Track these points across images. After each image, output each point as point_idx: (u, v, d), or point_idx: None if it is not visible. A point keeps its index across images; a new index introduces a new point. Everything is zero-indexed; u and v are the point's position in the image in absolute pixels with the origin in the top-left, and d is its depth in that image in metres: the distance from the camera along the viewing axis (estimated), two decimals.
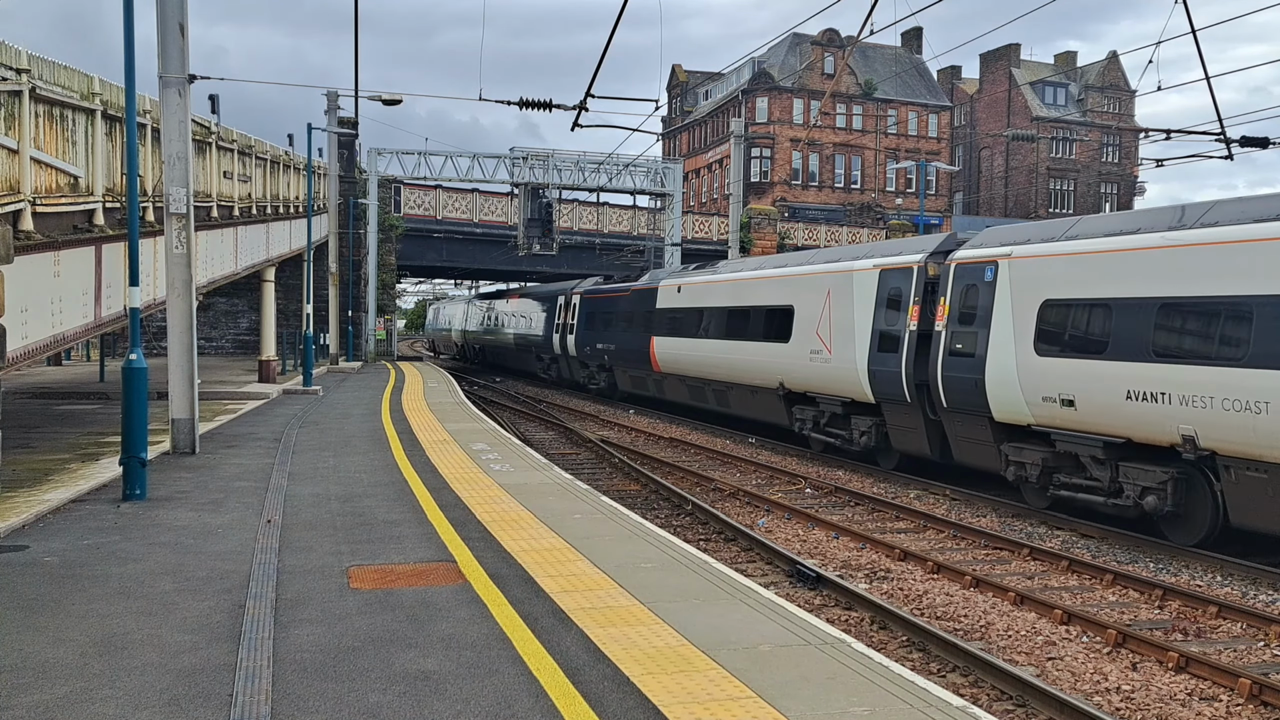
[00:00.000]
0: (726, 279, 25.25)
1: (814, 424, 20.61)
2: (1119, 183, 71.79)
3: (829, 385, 19.68)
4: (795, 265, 22.04)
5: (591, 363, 35.61)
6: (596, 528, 10.28)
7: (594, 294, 35.84)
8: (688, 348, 26.68)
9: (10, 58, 11.22)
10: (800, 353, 20.57)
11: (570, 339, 37.41)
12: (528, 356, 44.86)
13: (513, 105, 20.20)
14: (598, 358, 34.67)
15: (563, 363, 39.69)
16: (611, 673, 6.08)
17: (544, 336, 40.75)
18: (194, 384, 15.08)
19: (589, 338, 35.36)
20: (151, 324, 34.05)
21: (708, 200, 69.98)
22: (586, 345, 35.52)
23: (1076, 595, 11.02)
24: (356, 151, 45.56)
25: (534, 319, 42.65)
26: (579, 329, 36.45)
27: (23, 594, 7.65)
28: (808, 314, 20.44)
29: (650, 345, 29.06)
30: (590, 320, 35.43)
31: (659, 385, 29.63)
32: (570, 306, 37.75)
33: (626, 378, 32.68)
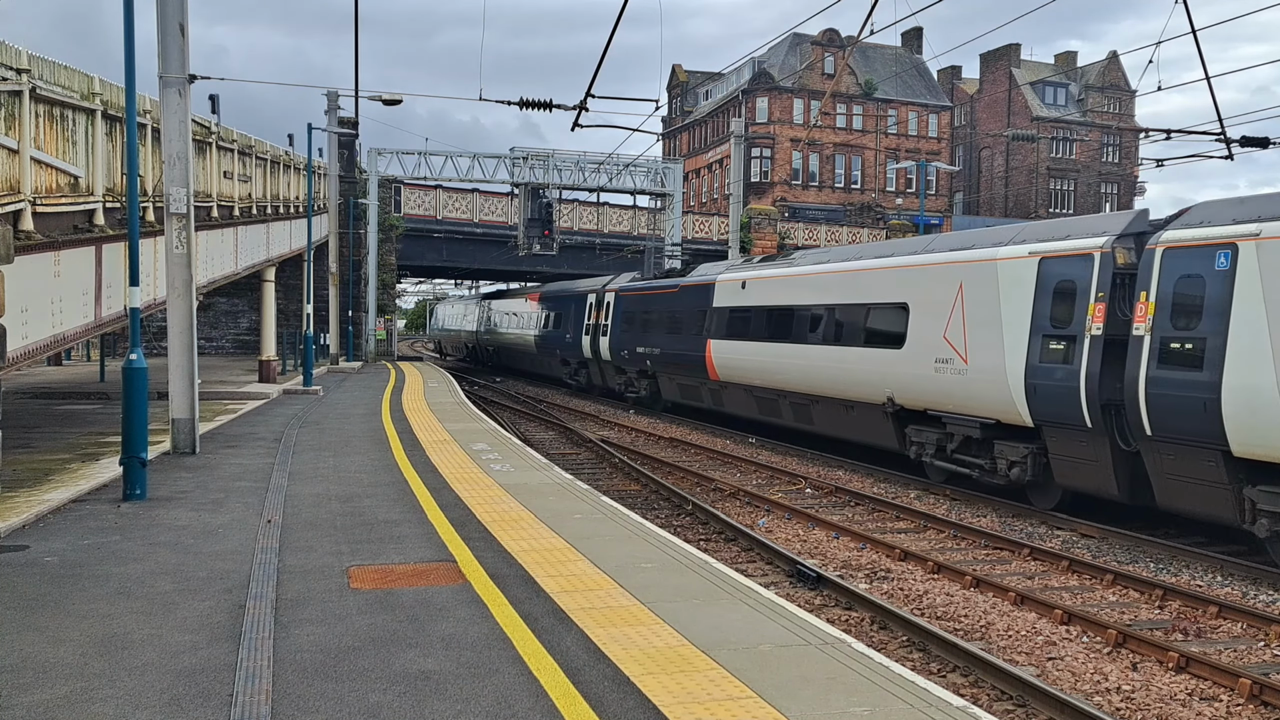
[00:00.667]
0: (808, 272, 21.26)
1: (937, 449, 16.82)
2: (1119, 183, 71.79)
3: (962, 402, 15.88)
4: (908, 254, 18.05)
5: (629, 368, 31.86)
6: (597, 528, 10.28)
7: (632, 291, 31.95)
8: (756, 353, 22.68)
9: (10, 58, 11.22)
10: (919, 361, 16.81)
11: (603, 341, 33.83)
12: (550, 361, 41.53)
13: (513, 105, 20.20)
14: (637, 363, 30.81)
15: (593, 368, 36.08)
16: (611, 673, 6.07)
17: (571, 339, 37.42)
18: (194, 384, 15.08)
19: (626, 340, 31.65)
20: (152, 324, 34.05)
21: (708, 200, 69.98)
22: (623, 349, 31.82)
23: (1077, 595, 11.02)
24: (356, 151, 45.56)
25: (559, 319, 39.27)
26: (614, 330, 32.85)
27: (23, 594, 7.65)
28: (930, 313, 16.68)
29: (706, 350, 25.31)
30: (628, 320, 31.70)
31: (716, 396, 25.77)
32: (603, 305, 34.22)
33: (673, 386, 28.81)
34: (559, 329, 39.14)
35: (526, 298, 45.64)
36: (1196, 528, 13.69)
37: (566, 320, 38.22)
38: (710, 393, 26.11)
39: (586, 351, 35.81)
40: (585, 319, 35.98)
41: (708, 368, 25.31)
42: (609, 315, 33.59)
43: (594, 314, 35.19)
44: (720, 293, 25.34)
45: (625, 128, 20.55)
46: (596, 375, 36.04)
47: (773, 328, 22.16)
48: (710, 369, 25.24)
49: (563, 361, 39.51)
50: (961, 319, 15.94)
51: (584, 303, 36.52)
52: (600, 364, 34.94)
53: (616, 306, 33.11)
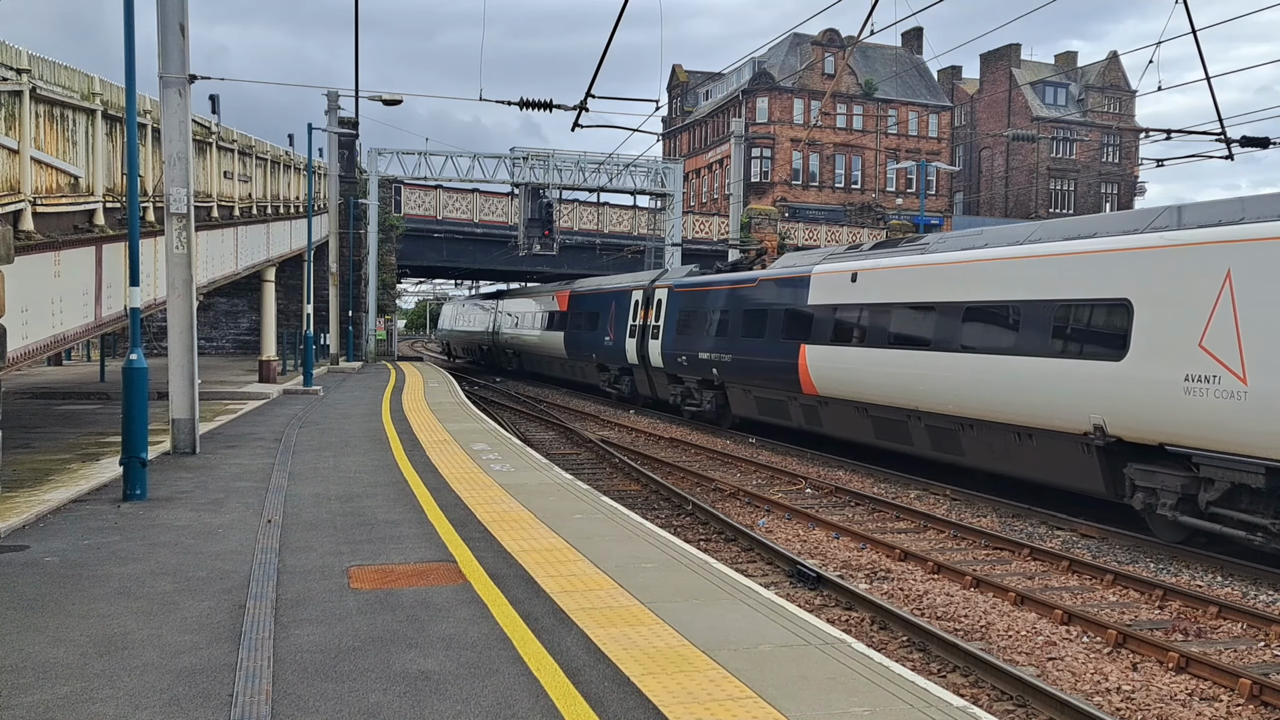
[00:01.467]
0: (959, 260, 16.62)
1: (1183, 501, 12.55)
2: (1119, 183, 71.80)
3: (1235, 436, 11.60)
4: (1124, 232, 13.86)
5: (688, 377, 27.26)
6: (597, 528, 10.28)
7: (693, 287, 27.40)
8: (875, 363, 18.29)
9: (10, 58, 11.22)
10: (1153, 377, 12.63)
11: (653, 346, 29.32)
12: (583, 366, 37.14)
13: (513, 105, 20.20)
14: (699, 370, 26.24)
15: (639, 375, 31.55)
16: (612, 673, 6.07)
17: (611, 342, 32.97)
18: (194, 384, 15.08)
19: (684, 344, 27.10)
20: (152, 324, 34.06)
21: (708, 200, 69.99)
22: (681, 354, 27.21)
23: (1077, 595, 11.02)
24: (357, 151, 45.57)
25: (594, 320, 35.09)
26: (668, 333, 28.34)
27: (23, 594, 7.65)
28: (1172, 312, 12.51)
29: (798, 357, 20.84)
30: (687, 321, 27.21)
31: (811, 414, 21.21)
32: (653, 303, 29.77)
33: (748, 400, 24.12)
34: (594, 330, 34.72)
35: (554, 295, 40.78)
36: None
37: (604, 320, 33.80)
38: (803, 410, 21.38)
39: (631, 356, 31.16)
40: (629, 319, 31.42)
41: (800, 379, 20.77)
42: (661, 315, 28.99)
43: (641, 313, 30.54)
44: (820, 287, 20.68)
45: (625, 128, 20.56)
46: (643, 384, 31.38)
47: (902, 331, 17.68)
48: (804, 380, 20.69)
49: (600, 367, 35.10)
50: (1234, 321, 11.70)
51: (627, 300, 31.97)
52: (649, 371, 30.27)
53: (671, 305, 28.43)
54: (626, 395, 33.31)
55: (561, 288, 41.00)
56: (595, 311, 35.08)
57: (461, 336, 63.11)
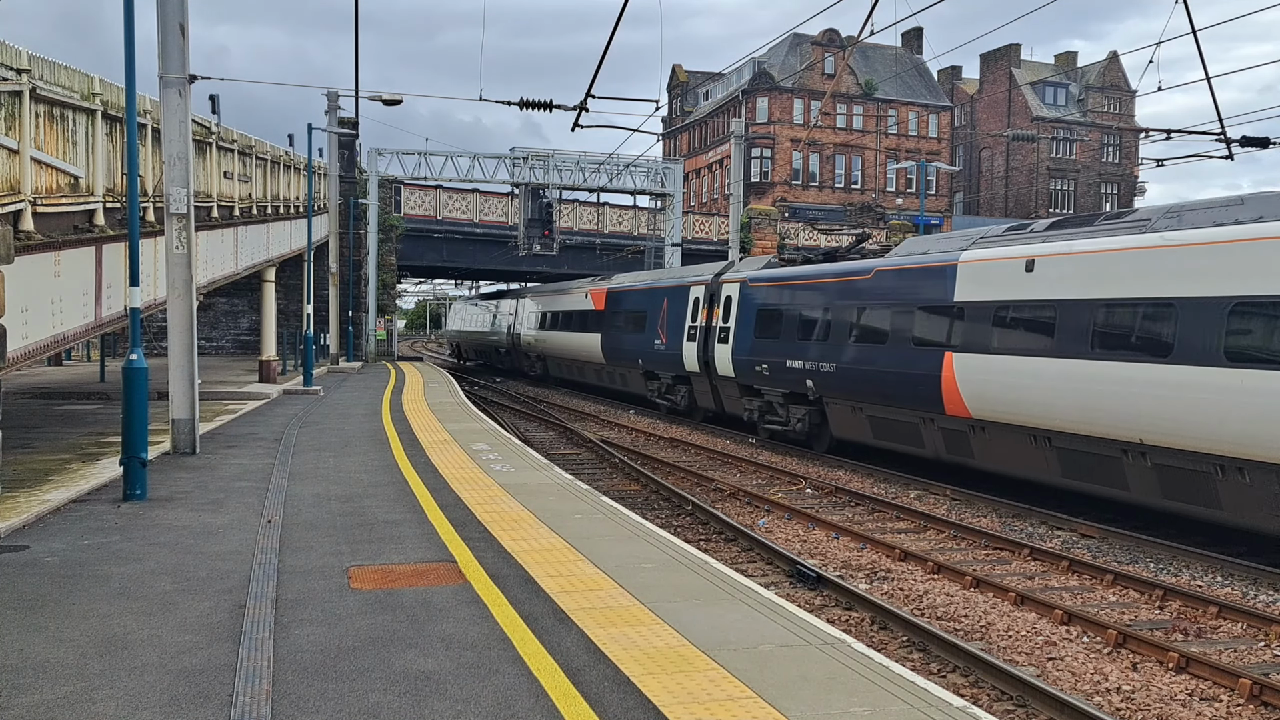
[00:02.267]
0: (1223, 239, 12.40)
1: None
2: (1119, 183, 71.80)
3: None
4: None
5: (770, 389, 22.46)
6: (597, 528, 10.28)
7: (777, 282, 22.69)
8: (1072, 378, 14.18)
9: (10, 58, 11.22)
10: None
11: (720, 351, 24.86)
12: (626, 373, 32.71)
13: (513, 106, 20.20)
14: (785, 382, 21.61)
15: (699, 385, 26.83)
16: (612, 673, 6.07)
17: (664, 346, 28.56)
18: (194, 384, 15.08)
19: (766, 350, 22.51)
20: (152, 324, 34.06)
21: (708, 200, 69.99)
22: (760, 362, 22.65)
23: (1077, 595, 11.02)
24: (357, 151, 45.59)
25: (639, 320, 30.77)
26: (741, 336, 23.78)
27: (23, 594, 7.65)
28: None
29: (942, 368, 16.52)
30: (768, 322, 22.71)
31: (958, 441, 16.75)
32: (720, 301, 25.33)
33: (857, 420, 19.54)
34: (640, 332, 30.41)
35: (587, 293, 36.48)
36: (1197, 528, 13.67)
37: (653, 321, 29.49)
38: (944, 435, 17.03)
39: (689, 363, 26.72)
40: (686, 319, 27.10)
41: (943, 396, 16.55)
42: (731, 314, 24.49)
43: (703, 313, 26.20)
44: (972, 279, 16.32)
45: (625, 128, 20.57)
46: (705, 396, 26.79)
47: (1119, 336, 13.66)
48: (949, 398, 16.44)
49: (648, 375, 30.46)
50: None
51: (683, 298, 27.61)
52: (715, 381, 25.71)
53: (746, 302, 23.87)
54: (682, 408, 28.41)
55: (596, 284, 36.54)
56: (640, 311, 30.63)
57: (475, 339, 57.99)
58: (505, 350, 49.41)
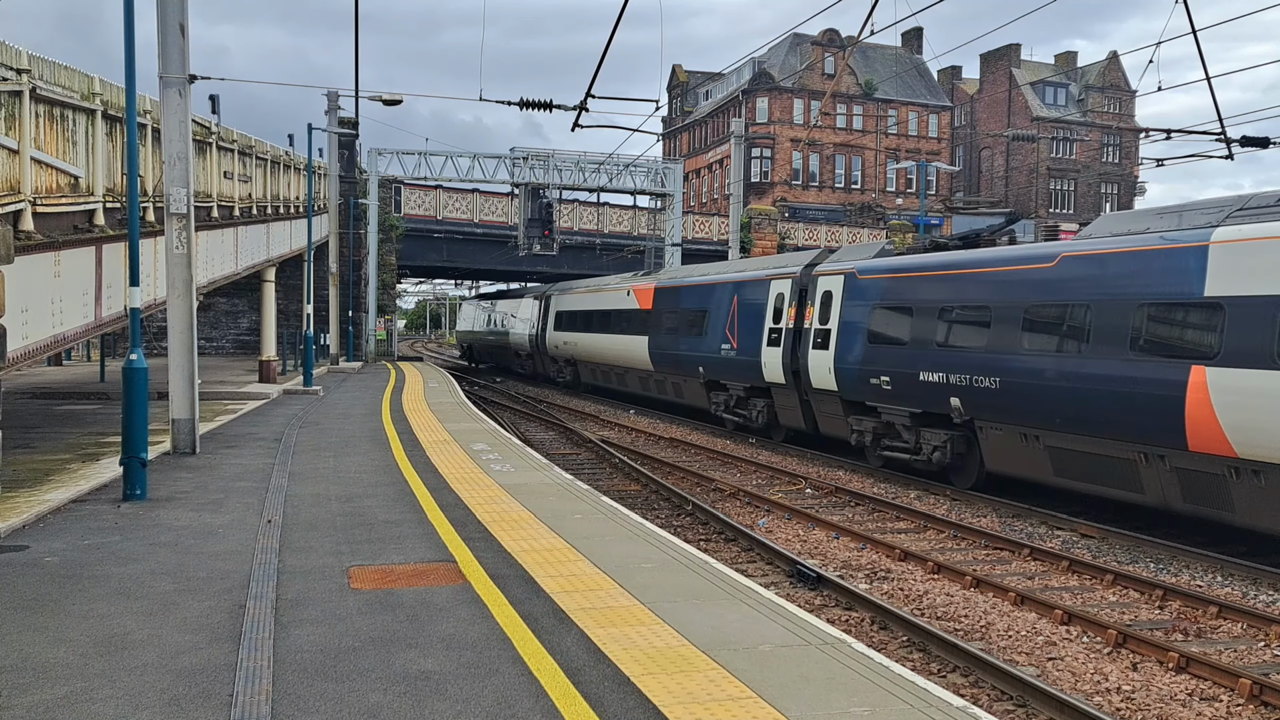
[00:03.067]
0: None
1: None
2: (1119, 183, 71.81)
3: None
4: None
5: (892, 408, 17.99)
6: (597, 528, 10.28)
7: (904, 273, 18.16)
8: None
9: (10, 58, 11.22)
10: None
11: (817, 359, 20.19)
12: (684, 383, 27.88)
13: (513, 106, 20.20)
14: (918, 399, 17.26)
15: (784, 400, 22.14)
16: (611, 673, 6.07)
17: (735, 352, 24.07)
18: (194, 384, 15.08)
19: (884, 358, 18.15)
20: (152, 324, 34.06)
21: (708, 200, 69.99)
22: (877, 372, 18.26)
23: (1077, 595, 11.02)
24: (357, 151, 45.60)
25: (703, 320, 26.19)
26: (849, 340, 19.27)
27: (23, 594, 7.65)
28: None
29: (1186, 389, 12.42)
30: (889, 323, 18.18)
31: (1213, 490, 12.44)
32: (816, 297, 20.67)
33: (1031, 451, 15.10)
34: (701, 335, 26.08)
35: (629, 290, 32.34)
36: (1196, 527, 13.67)
37: (718, 321, 25.09)
38: (1182, 479, 12.79)
39: (772, 372, 22.11)
40: (766, 319, 22.61)
41: (1185, 425, 12.40)
42: (832, 314, 19.92)
43: (789, 311, 21.72)
44: (1234, 265, 12.12)
45: (625, 128, 20.57)
46: (792, 412, 21.85)
47: None
48: (1199, 428, 12.26)
49: (711, 386, 25.94)
50: None
51: (761, 294, 23.12)
52: (807, 395, 20.99)
53: (855, 298, 19.34)
54: (757, 426, 23.63)
55: (641, 279, 32.54)
56: (700, 310, 26.36)
57: (490, 340, 52.40)
58: (527, 354, 45.28)
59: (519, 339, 45.52)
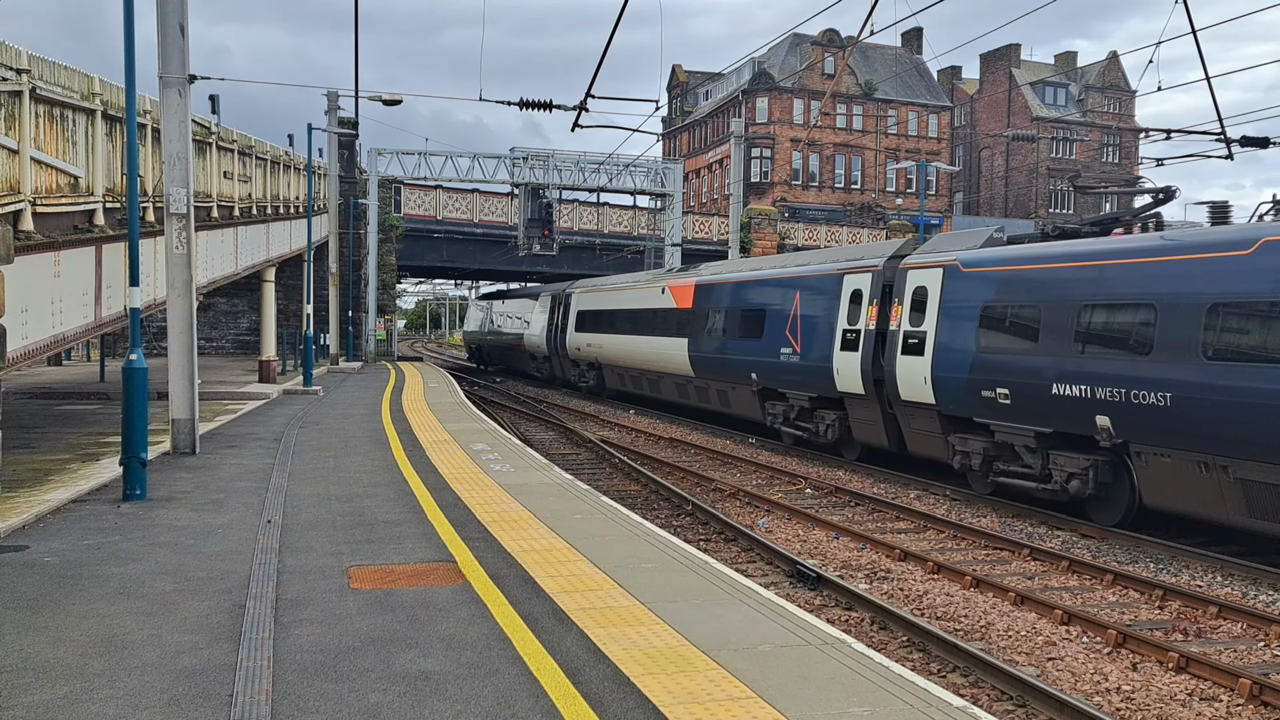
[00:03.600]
0: None
1: None
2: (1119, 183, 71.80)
3: None
4: None
5: (1010, 426, 15.11)
6: (596, 528, 10.28)
7: (1022, 264, 15.35)
8: None
9: (10, 58, 11.22)
10: None
11: (911, 366, 17.08)
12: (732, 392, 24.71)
13: (513, 106, 20.19)
14: (1046, 416, 14.46)
15: (862, 412, 19.15)
16: (611, 673, 6.07)
17: (797, 357, 21.03)
18: (194, 384, 15.08)
19: (1002, 366, 15.22)
20: (151, 324, 34.06)
21: (708, 200, 69.99)
22: (991, 383, 15.34)
23: (1077, 595, 11.02)
24: (357, 151, 45.60)
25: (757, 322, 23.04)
26: (950, 344, 16.30)
27: (23, 594, 7.65)
28: None
29: None
30: (1008, 324, 15.38)
31: None
32: (905, 294, 17.55)
33: (1210, 485, 12.28)
34: (755, 338, 23.02)
35: (664, 287, 29.33)
36: (1196, 527, 13.67)
37: (776, 323, 22.13)
38: None
39: (847, 381, 19.17)
40: (839, 320, 19.64)
41: None
42: (928, 313, 16.89)
43: (869, 310, 18.71)
44: None
45: (625, 128, 20.56)
46: (871, 427, 19.00)
47: None
48: None
49: (766, 394, 22.83)
50: None
51: (831, 291, 20.12)
52: (893, 408, 18.05)
53: (958, 295, 16.36)
54: (825, 442, 20.63)
55: (679, 276, 29.42)
56: (755, 309, 23.32)
57: (503, 342, 49.01)
58: (543, 356, 42.14)
59: (534, 341, 42.41)
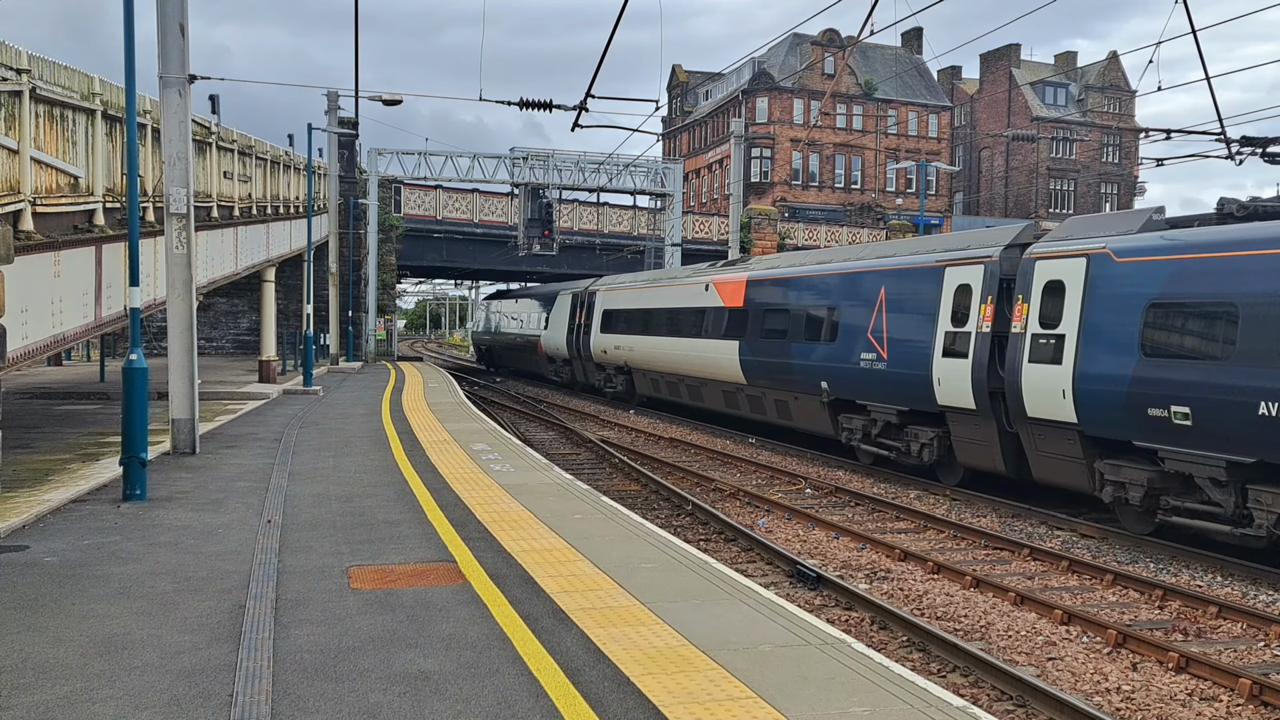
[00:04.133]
0: None
1: None
2: (1119, 183, 71.83)
3: None
4: None
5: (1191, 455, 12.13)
6: (597, 528, 10.28)
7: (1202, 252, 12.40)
8: None
9: (10, 58, 11.22)
10: None
11: (1048, 376, 14.21)
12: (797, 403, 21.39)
13: (513, 106, 20.20)
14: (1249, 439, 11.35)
15: (972, 430, 16.03)
16: (611, 673, 6.07)
17: (890, 364, 17.86)
18: (194, 384, 15.08)
19: (1179, 377, 12.28)
20: (151, 324, 34.06)
21: (708, 200, 69.99)
22: (1164, 400, 12.41)
23: (1077, 595, 11.02)
24: (357, 151, 45.61)
25: (839, 322, 19.59)
26: (1101, 350, 13.52)
27: (23, 594, 7.65)
28: None
29: None
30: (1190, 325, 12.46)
31: None
32: (1033, 291, 14.73)
33: None
34: (826, 341, 20.00)
35: (708, 284, 26.27)
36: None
37: (852, 323, 19.06)
38: None
39: (954, 393, 16.11)
40: (939, 319, 16.59)
41: None
42: (1066, 313, 14.11)
43: (982, 309, 15.72)
44: None
45: (625, 128, 20.56)
46: (983, 449, 15.85)
47: None
48: None
49: (840, 407, 19.78)
50: None
51: (927, 285, 17.05)
52: (1013, 427, 15.06)
53: (1107, 288, 13.65)
54: (918, 463, 17.52)
55: (726, 271, 26.33)
56: (824, 307, 20.30)
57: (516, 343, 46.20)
58: (563, 360, 39.34)
59: (553, 342, 39.60)
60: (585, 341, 35.96)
